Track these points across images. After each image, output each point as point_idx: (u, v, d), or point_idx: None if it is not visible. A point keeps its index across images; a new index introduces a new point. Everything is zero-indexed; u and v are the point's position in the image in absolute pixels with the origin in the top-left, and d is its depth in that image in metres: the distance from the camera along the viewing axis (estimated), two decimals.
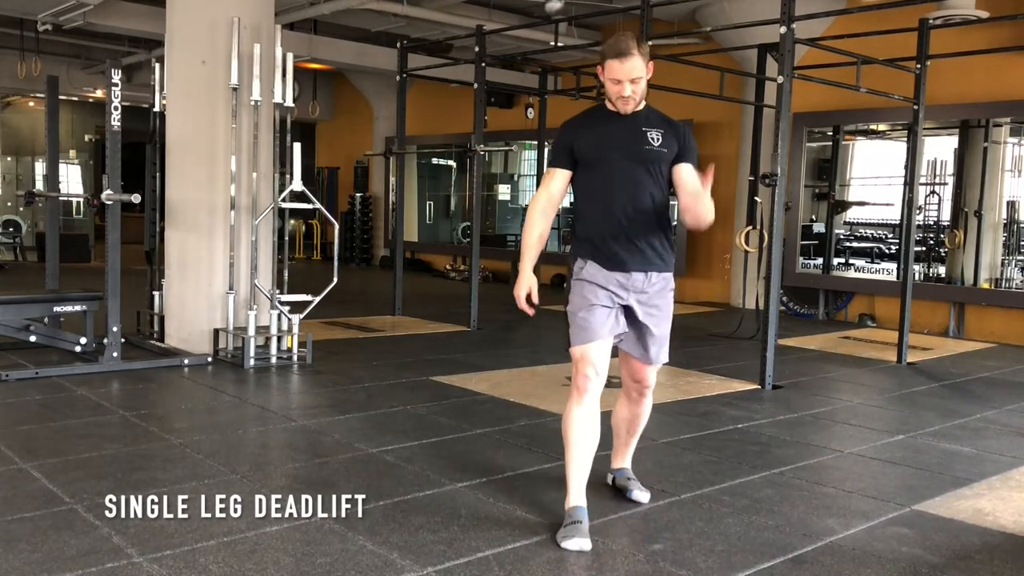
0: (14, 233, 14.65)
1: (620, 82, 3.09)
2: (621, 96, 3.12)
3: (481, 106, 8.28)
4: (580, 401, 3.11)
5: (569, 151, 3.24)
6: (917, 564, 2.96)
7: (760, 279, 7.26)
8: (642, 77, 3.11)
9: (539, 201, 3.29)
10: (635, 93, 3.12)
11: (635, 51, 3.06)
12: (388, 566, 2.79)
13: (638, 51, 3.06)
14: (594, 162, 3.20)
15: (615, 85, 3.11)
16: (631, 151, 3.15)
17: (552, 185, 3.28)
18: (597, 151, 3.19)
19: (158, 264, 6.83)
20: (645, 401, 3.47)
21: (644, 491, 3.49)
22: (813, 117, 9.78)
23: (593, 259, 3.19)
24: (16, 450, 3.90)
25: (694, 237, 11.23)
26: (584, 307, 3.14)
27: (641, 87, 3.13)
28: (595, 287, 3.16)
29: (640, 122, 3.19)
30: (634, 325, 3.23)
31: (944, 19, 7.54)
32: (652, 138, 3.15)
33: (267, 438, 4.39)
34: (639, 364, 3.33)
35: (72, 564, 2.72)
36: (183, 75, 6.33)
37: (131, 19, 10.23)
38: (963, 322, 9.00)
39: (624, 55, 3.07)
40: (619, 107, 3.16)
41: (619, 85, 3.10)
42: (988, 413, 5.34)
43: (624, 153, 3.16)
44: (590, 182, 3.23)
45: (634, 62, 3.07)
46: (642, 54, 3.09)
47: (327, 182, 17.19)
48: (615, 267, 3.16)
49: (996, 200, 9.03)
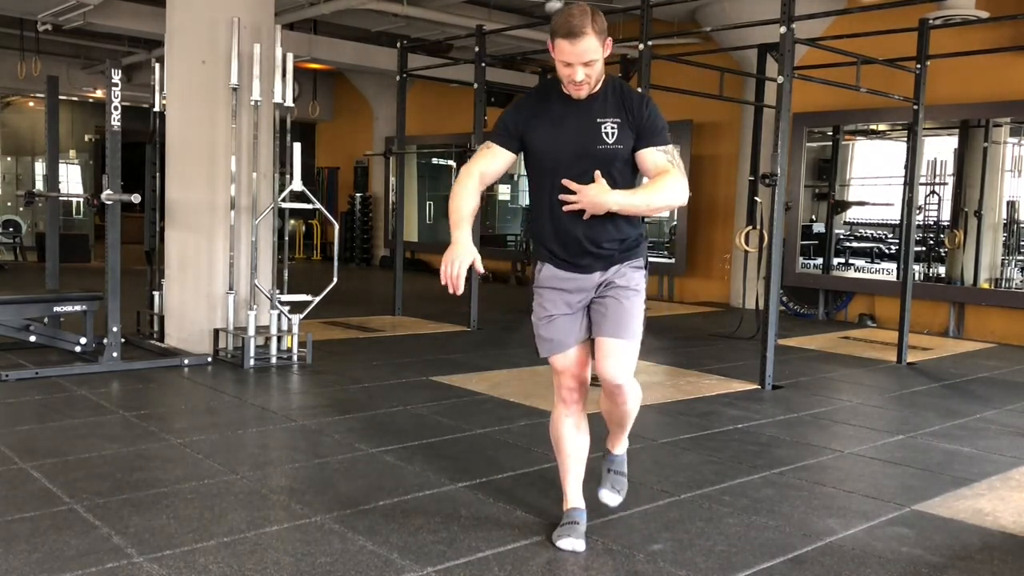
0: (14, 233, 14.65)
1: (571, 65, 2.73)
2: (573, 81, 2.76)
3: (481, 106, 8.28)
4: (567, 411, 3.04)
5: (519, 137, 2.89)
6: (917, 564, 2.96)
7: (760, 279, 7.26)
8: (597, 59, 2.74)
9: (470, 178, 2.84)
10: (589, 77, 2.76)
11: (588, 29, 2.68)
12: (388, 566, 2.79)
13: (592, 28, 2.69)
14: (544, 160, 2.88)
15: (566, 68, 2.75)
16: (583, 149, 2.81)
17: (490, 164, 2.88)
18: (547, 146, 2.85)
19: (158, 264, 6.83)
20: (620, 401, 2.98)
21: (614, 493, 3.21)
22: (813, 117, 9.78)
23: (550, 262, 2.95)
24: (16, 450, 3.90)
25: (694, 237, 11.25)
26: (544, 317, 2.94)
27: (597, 69, 2.78)
28: (554, 294, 2.94)
29: (595, 111, 2.83)
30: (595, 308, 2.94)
31: (944, 19, 7.54)
32: (606, 133, 2.81)
33: (267, 438, 4.39)
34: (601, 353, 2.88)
35: (72, 564, 2.72)
36: (183, 75, 6.33)
37: (131, 19, 10.24)
38: (963, 322, 9.00)
39: (575, 35, 2.68)
40: (571, 92, 2.81)
41: (570, 68, 2.74)
42: (988, 413, 5.34)
43: (576, 151, 2.82)
44: (541, 181, 2.91)
45: (587, 42, 2.69)
46: (597, 32, 2.71)
47: (327, 182, 17.19)
48: (571, 270, 2.91)
49: (996, 200, 9.03)
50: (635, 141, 2.83)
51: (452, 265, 2.64)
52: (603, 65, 2.82)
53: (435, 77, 10.14)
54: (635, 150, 2.84)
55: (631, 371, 2.91)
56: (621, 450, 3.26)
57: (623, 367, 2.87)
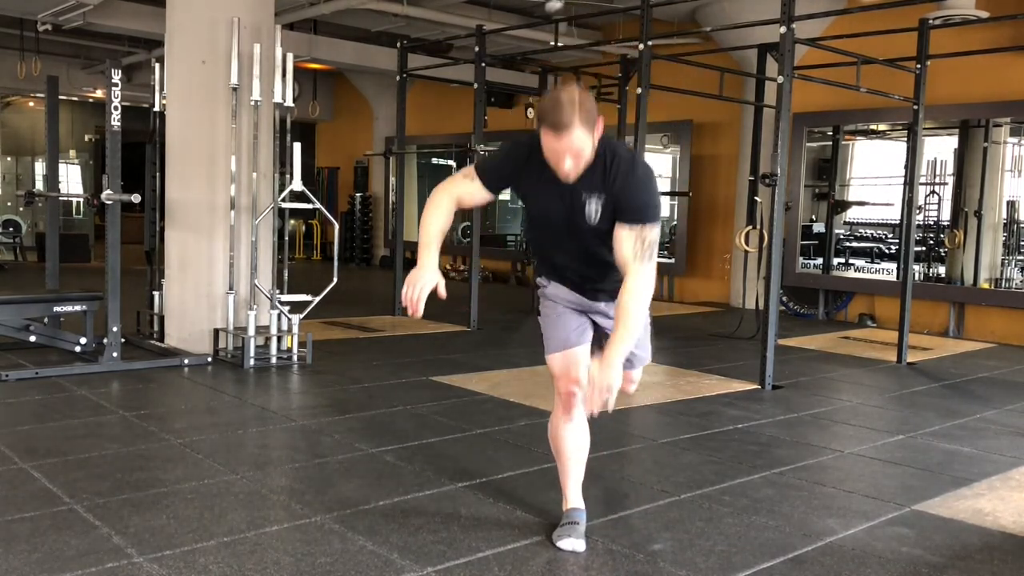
0: (14, 233, 14.66)
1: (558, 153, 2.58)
2: (560, 167, 2.62)
3: (481, 106, 8.28)
4: (567, 416, 3.04)
5: (504, 181, 2.82)
6: (917, 564, 2.96)
7: (760, 279, 7.26)
8: (585, 147, 2.57)
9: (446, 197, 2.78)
10: (577, 167, 2.61)
11: (575, 121, 2.50)
12: (388, 566, 2.79)
13: (579, 119, 2.50)
14: (536, 218, 2.87)
15: (552, 155, 2.60)
16: (572, 224, 2.75)
17: (469, 193, 2.80)
18: (537, 211, 2.83)
19: (158, 264, 6.83)
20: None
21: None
22: (813, 117, 9.78)
23: (552, 279, 3.00)
24: (16, 450, 3.90)
25: (694, 237, 11.25)
26: (552, 317, 3.00)
27: (585, 155, 2.60)
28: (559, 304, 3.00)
29: (582, 185, 2.68)
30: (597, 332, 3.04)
31: (944, 19, 7.54)
32: (590, 214, 2.69)
33: (267, 438, 4.39)
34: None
35: (72, 564, 2.72)
36: (183, 75, 6.33)
37: (131, 19, 10.23)
38: (963, 322, 9.00)
39: (559, 128, 2.52)
40: (559, 176, 2.66)
41: (557, 156, 2.59)
42: (988, 413, 5.34)
43: (565, 224, 2.77)
44: (533, 222, 2.91)
45: (573, 136, 2.52)
46: (584, 121, 2.52)
47: (327, 182, 17.19)
48: (574, 291, 2.96)
49: (996, 200, 9.03)
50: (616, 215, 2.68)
51: (414, 288, 2.60)
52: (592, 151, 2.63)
53: (435, 77, 10.15)
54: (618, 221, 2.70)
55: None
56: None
57: None
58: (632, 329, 2.62)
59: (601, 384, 2.52)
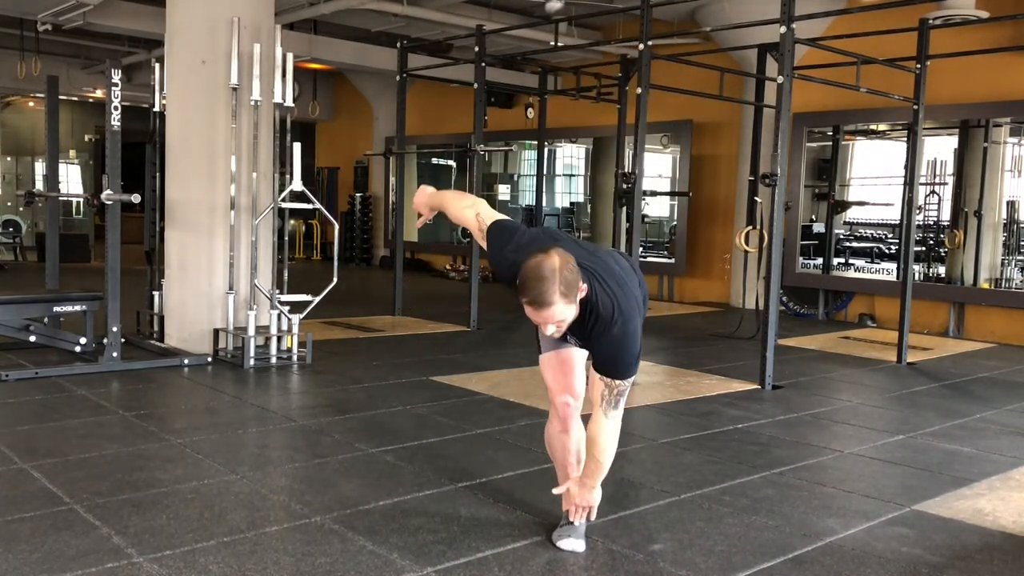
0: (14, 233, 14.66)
1: (540, 324, 2.62)
2: (543, 329, 2.67)
3: (481, 106, 8.28)
4: (562, 427, 3.05)
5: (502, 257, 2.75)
6: (917, 564, 2.96)
7: (760, 279, 7.26)
8: (567, 317, 2.56)
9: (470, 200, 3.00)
10: (559, 331, 2.63)
11: (555, 300, 2.48)
12: (388, 566, 2.79)
13: (559, 295, 2.47)
14: None
15: (535, 319, 2.60)
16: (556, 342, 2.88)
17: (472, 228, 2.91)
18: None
19: (158, 264, 6.83)
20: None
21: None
22: (813, 117, 9.78)
23: None
24: (16, 450, 3.90)
25: (694, 237, 11.24)
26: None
27: (568, 322, 2.59)
28: None
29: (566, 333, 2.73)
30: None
31: (944, 19, 7.54)
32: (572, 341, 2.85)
33: (267, 438, 4.39)
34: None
35: (72, 564, 2.72)
36: (183, 75, 6.33)
37: (131, 19, 10.23)
38: (963, 322, 9.00)
39: (539, 306, 2.50)
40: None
41: (539, 323, 2.61)
42: (988, 413, 5.34)
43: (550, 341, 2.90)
44: None
45: (554, 311, 2.51)
46: (565, 294, 2.48)
47: (327, 182, 17.19)
48: None
49: (996, 200, 9.03)
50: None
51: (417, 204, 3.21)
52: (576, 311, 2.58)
53: (435, 77, 10.14)
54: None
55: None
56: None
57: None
58: (602, 472, 2.89)
59: (581, 503, 2.94)
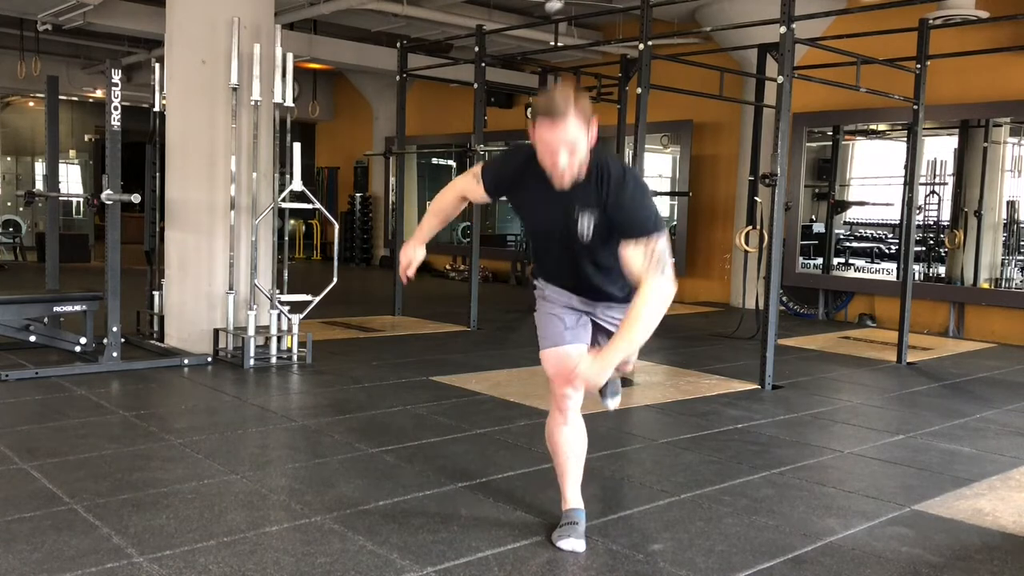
0: (14, 233, 14.66)
1: (553, 149, 2.61)
2: (555, 165, 2.63)
3: (481, 106, 8.28)
4: (563, 419, 3.04)
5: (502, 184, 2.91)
6: (917, 564, 2.96)
7: (760, 279, 7.26)
8: (580, 142, 2.60)
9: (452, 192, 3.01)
10: (571, 165, 2.63)
11: (570, 112, 2.55)
12: (388, 566, 2.79)
13: (575, 110, 2.55)
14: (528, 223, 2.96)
15: (547, 149, 2.62)
16: (566, 238, 2.78)
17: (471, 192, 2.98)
18: (532, 223, 2.92)
19: (158, 264, 6.83)
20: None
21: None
22: (813, 117, 9.79)
23: (549, 282, 3.04)
24: (16, 450, 3.90)
25: (694, 237, 11.24)
26: (546, 315, 3.02)
27: (580, 153, 2.62)
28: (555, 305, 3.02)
29: (575, 200, 2.71)
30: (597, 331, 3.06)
31: (944, 19, 7.54)
32: (582, 230, 2.72)
33: (267, 438, 4.39)
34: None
35: (72, 564, 2.72)
36: (183, 75, 6.33)
37: (131, 19, 10.23)
38: (963, 322, 9.00)
39: (555, 115, 2.55)
40: (553, 179, 2.68)
41: (551, 151, 2.61)
42: (988, 413, 5.34)
43: (560, 237, 2.81)
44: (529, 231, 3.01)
45: (568, 125, 2.55)
46: (580, 114, 2.57)
47: (327, 182, 17.19)
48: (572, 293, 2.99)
49: (996, 200, 9.03)
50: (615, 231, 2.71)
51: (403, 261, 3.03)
52: (587, 154, 2.66)
53: (435, 77, 10.14)
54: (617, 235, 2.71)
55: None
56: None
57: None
58: (635, 336, 2.67)
59: (584, 373, 2.67)
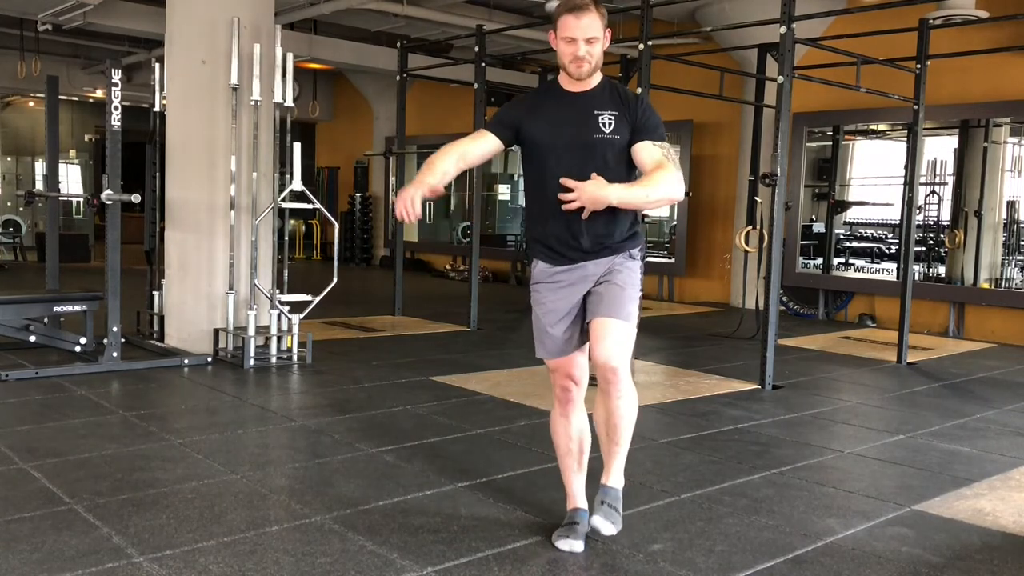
0: (14, 233, 14.66)
1: (574, 41, 2.84)
2: (576, 57, 2.86)
3: (481, 106, 8.29)
4: (564, 412, 3.04)
5: (514, 129, 2.96)
6: (917, 564, 2.96)
7: (760, 279, 7.26)
8: (599, 39, 2.86)
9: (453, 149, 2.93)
10: (590, 55, 2.86)
11: (592, 7, 2.83)
12: (388, 566, 2.79)
13: (596, 9, 2.85)
14: (541, 150, 2.93)
15: (569, 45, 2.85)
16: (580, 139, 2.88)
17: (474, 146, 2.97)
18: (544, 137, 2.92)
19: (158, 264, 6.83)
20: (616, 394, 2.85)
21: (608, 522, 2.88)
22: (813, 117, 9.78)
23: (543, 259, 2.99)
24: (16, 450, 3.90)
25: (694, 237, 11.24)
26: (541, 318, 2.98)
27: (597, 51, 2.87)
28: (550, 292, 2.96)
29: (593, 103, 2.91)
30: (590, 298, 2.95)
31: (944, 19, 7.54)
32: (603, 123, 2.88)
33: (267, 438, 4.39)
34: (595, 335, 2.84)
35: (72, 564, 2.72)
36: (183, 75, 6.33)
37: (131, 19, 10.24)
38: (963, 322, 9.00)
39: (579, 10, 2.83)
40: (572, 71, 2.89)
41: (573, 44, 2.84)
42: (988, 413, 5.34)
43: (573, 141, 2.88)
44: (535, 174, 2.97)
45: (591, 19, 2.83)
46: (600, 13, 2.86)
47: (327, 182, 17.19)
48: (565, 263, 2.94)
49: (996, 200, 9.03)
50: (631, 135, 2.90)
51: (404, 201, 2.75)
52: (602, 56, 2.90)
53: (435, 77, 10.14)
54: (631, 143, 2.90)
55: (626, 356, 2.85)
56: (617, 482, 2.97)
57: (617, 348, 2.81)
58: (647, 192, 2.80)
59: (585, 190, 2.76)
